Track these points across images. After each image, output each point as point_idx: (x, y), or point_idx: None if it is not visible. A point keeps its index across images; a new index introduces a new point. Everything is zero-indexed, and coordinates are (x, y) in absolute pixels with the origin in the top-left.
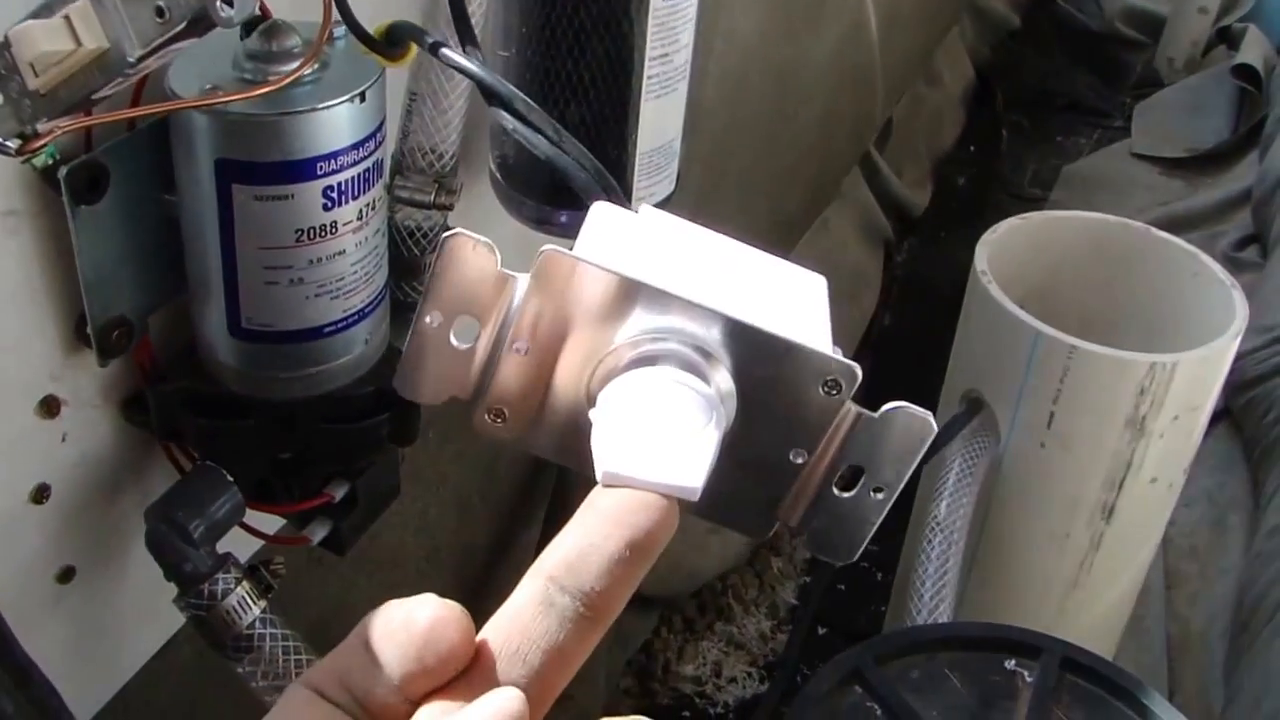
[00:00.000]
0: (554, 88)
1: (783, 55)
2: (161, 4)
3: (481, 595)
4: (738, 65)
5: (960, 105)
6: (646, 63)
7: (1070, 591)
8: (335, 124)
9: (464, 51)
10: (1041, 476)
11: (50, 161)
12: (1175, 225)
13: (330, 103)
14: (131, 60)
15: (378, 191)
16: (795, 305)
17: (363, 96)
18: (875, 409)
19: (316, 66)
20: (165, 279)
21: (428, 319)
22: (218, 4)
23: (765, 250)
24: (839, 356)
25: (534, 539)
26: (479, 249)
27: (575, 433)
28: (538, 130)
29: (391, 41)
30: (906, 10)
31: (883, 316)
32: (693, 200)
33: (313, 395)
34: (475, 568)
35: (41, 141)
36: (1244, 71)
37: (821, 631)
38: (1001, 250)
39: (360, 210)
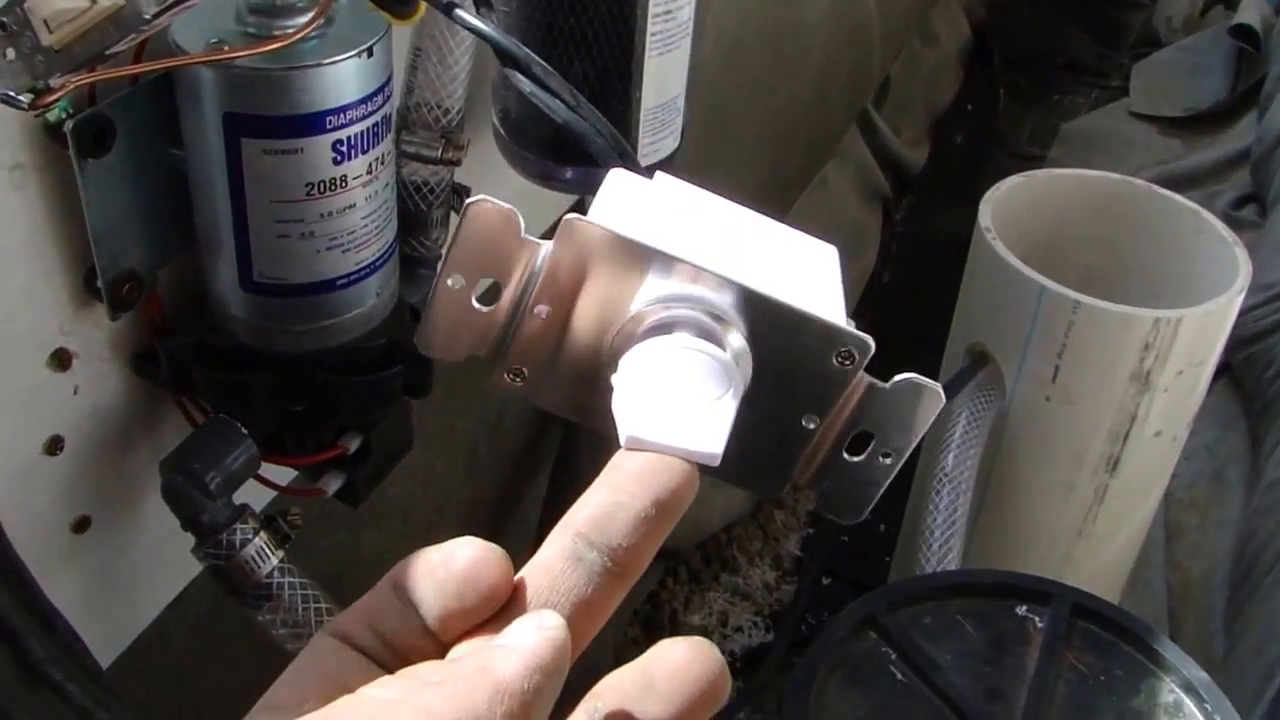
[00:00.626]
0: (556, 44)
1: (780, 13)
2: None
3: None
4: (735, 23)
5: (957, 64)
6: (650, 19)
7: (1075, 541)
8: (343, 78)
9: (478, 12)
10: (1046, 429)
11: (63, 116)
12: (1174, 184)
13: (338, 57)
14: (147, 16)
15: (386, 145)
16: (809, 275)
17: (370, 51)
18: (874, 368)
19: (322, 21)
20: (174, 232)
21: (449, 280)
22: None
23: (768, 212)
24: (852, 328)
25: (540, 492)
26: (503, 216)
27: (592, 392)
28: (555, 94)
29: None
30: None
31: (882, 273)
32: (691, 159)
33: (325, 348)
34: (482, 521)
35: (54, 96)
36: (1242, 31)
37: (826, 582)
38: (1005, 207)
39: (370, 164)
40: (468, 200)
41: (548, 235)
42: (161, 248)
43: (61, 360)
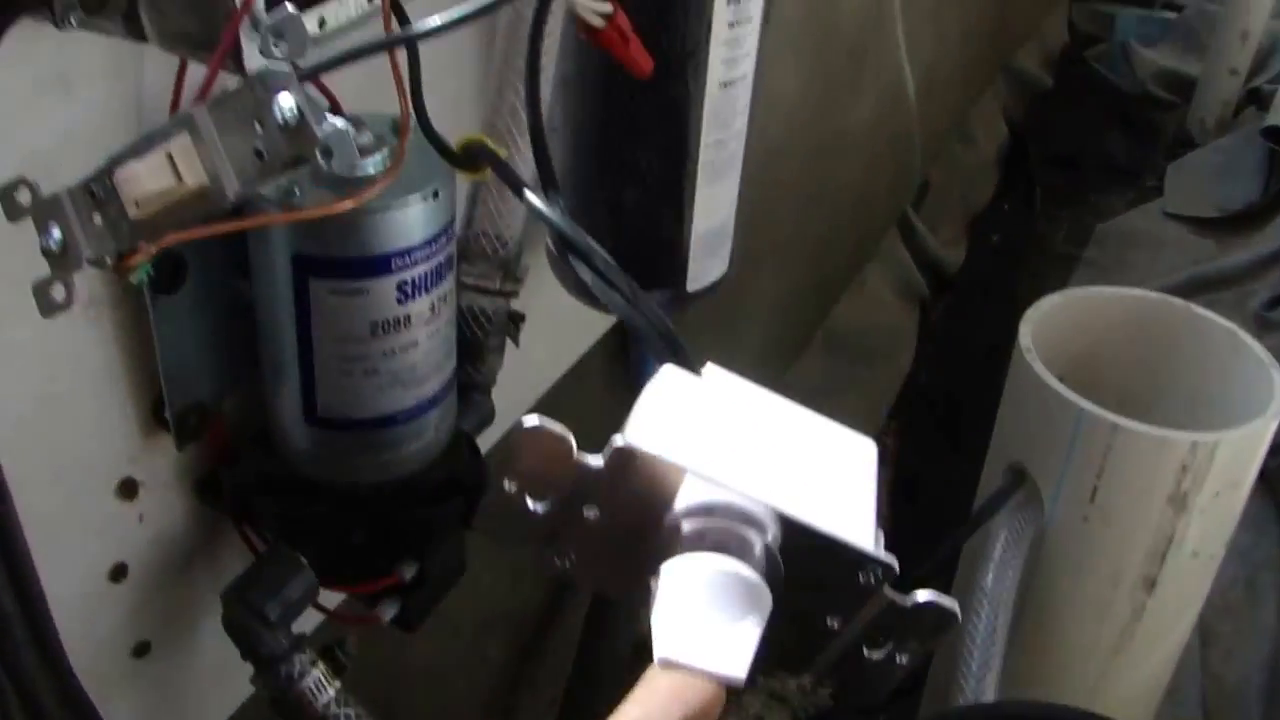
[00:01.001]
0: (610, 171)
1: (824, 121)
2: (260, 146)
3: (532, 660)
4: (780, 132)
5: (995, 164)
6: (701, 149)
7: (1112, 659)
8: (409, 221)
9: (545, 197)
10: (1084, 549)
11: (145, 277)
12: (1208, 285)
13: (404, 201)
14: (231, 197)
15: (449, 284)
16: (845, 483)
17: (436, 194)
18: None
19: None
20: (239, 363)
21: (506, 484)
22: (318, 155)
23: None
24: (879, 551)
25: (582, 610)
26: (557, 439)
27: (631, 581)
28: (614, 287)
29: (468, 157)
30: (944, 72)
31: (919, 373)
32: (734, 265)
33: (385, 480)
34: (526, 634)
35: (137, 259)
36: (1274, 133)
37: None
38: (1044, 326)
39: (433, 303)
40: (525, 423)
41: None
42: (228, 379)
43: (128, 489)
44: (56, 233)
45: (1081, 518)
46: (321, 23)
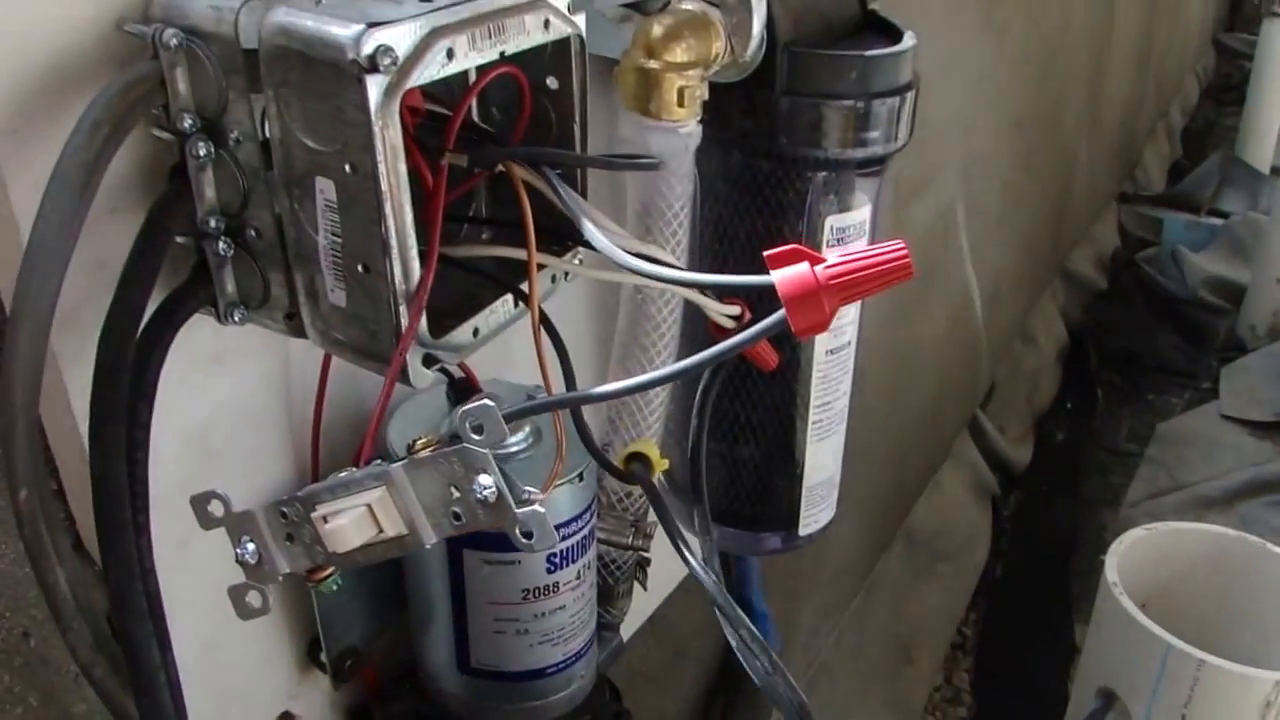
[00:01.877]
0: (724, 426)
1: (899, 338)
2: (459, 510)
3: None
4: (859, 356)
5: (1056, 364)
6: (811, 410)
7: None
8: (559, 502)
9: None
10: None
11: (335, 588)
12: (1266, 487)
13: (554, 485)
14: (427, 546)
15: (592, 554)
16: None
17: (581, 476)
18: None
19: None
20: (390, 607)
21: None
22: (517, 533)
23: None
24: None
25: None
26: None
27: None
28: (756, 656)
29: (628, 468)
30: (1008, 280)
31: (994, 568)
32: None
33: None
34: None
35: (326, 574)
36: None
37: None
38: (1129, 559)
39: (579, 571)
40: None
41: None
42: (379, 622)
43: None
44: (251, 546)
45: None
46: (475, 332)
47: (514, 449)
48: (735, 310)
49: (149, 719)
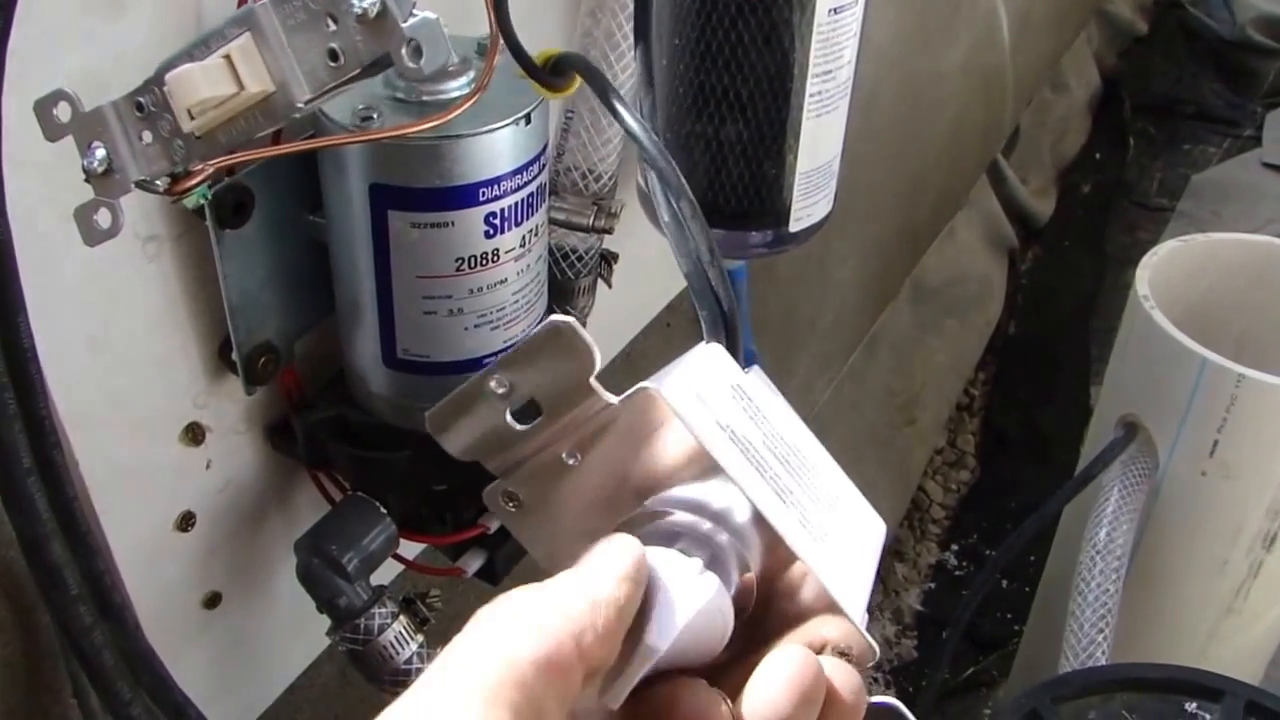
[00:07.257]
0: (709, 103)
1: (916, 63)
2: (336, 46)
3: None
4: (872, 74)
5: (1086, 112)
6: (809, 79)
7: (1224, 618)
8: (498, 148)
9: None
10: (1202, 504)
11: (202, 202)
12: None
13: (493, 126)
14: (300, 105)
15: (540, 217)
16: (851, 550)
17: (528, 119)
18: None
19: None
20: (311, 302)
21: (494, 383)
22: (404, 53)
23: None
24: (864, 629)
25: None
26: (583, 350)
27: (572, 549)
28: (693, 238)
29: (556, 71)
30: (1038, 15)
31: (1008, 324)
32: (837, 203)
33: None
34: None
35: (192, 182)
36: None
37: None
38: (1162, 273)
39: (523, 237)
40: (555, 318)
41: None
42: (299, 318)
43: (194, 435)
44: (101, 152)
45: (1200, 472)
46: None
47: (456, 95)
48: None
49: None
